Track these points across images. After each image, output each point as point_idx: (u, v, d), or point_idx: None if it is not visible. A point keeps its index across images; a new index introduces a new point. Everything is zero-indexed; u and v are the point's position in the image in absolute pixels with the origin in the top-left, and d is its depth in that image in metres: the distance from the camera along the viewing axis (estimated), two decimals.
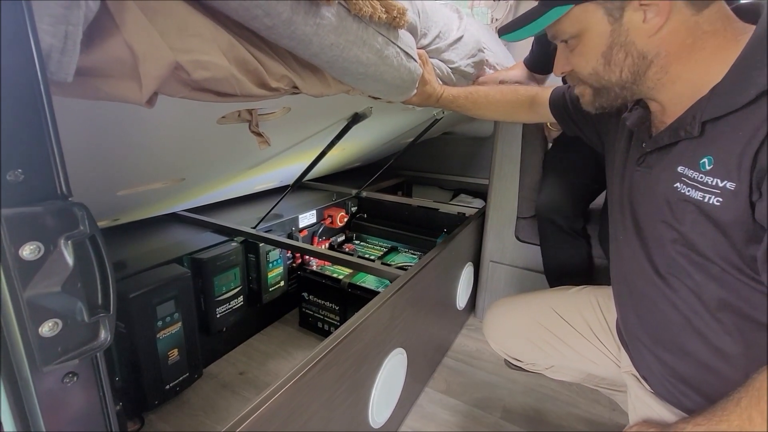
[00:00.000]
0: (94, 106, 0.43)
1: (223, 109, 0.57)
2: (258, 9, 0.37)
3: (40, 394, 0.23)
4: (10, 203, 0.21)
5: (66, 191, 0.23)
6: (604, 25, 0.47)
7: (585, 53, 0.50)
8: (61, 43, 0.27)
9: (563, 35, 0.51)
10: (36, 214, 0.22)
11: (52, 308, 0.23)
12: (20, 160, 0.21)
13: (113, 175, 0.67)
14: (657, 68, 0.47)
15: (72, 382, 0.24)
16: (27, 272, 0.22)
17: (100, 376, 0.26)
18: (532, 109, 0.84)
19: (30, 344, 0.22)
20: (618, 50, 0.47)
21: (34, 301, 0.22)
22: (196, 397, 1.03)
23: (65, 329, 0.23)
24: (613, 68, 0.49)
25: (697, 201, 0.45)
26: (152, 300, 0.88)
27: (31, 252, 0.22)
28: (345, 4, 0.46)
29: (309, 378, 0.60)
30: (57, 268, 0.22)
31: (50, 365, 0.23)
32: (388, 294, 0.82)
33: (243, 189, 1.40)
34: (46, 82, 0.23)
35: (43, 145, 0.22)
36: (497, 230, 1.34)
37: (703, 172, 0.45)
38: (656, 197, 0.51)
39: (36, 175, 0.22)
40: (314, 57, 0.48)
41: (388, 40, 0.57)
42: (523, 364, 0.88)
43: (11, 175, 0.21)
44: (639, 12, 0.44)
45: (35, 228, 0.22)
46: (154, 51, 0.32)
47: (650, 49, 0.46)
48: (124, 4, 0.31)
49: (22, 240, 0.22)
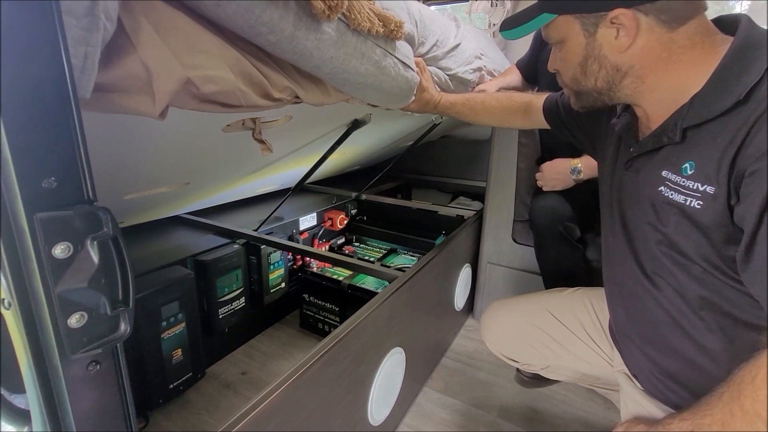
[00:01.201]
0: (107, 118, 0.46)
1: (228, 118, 0.60)
2: (263, 26, 0.40)
3: (68, 380, 0.25)
4: (45, 208, 0.24)
5: (92, 196, 0.26)
6: (581, 38, 0.50)
7: (566, 60, 0.54)
8: (81, 62, 0.29)
9: (551, 39, 0.55)
10: (67, 217, 0.25)
11: (79, 302, 0.25)
12: (54, 169, 0.24)
13: (122, 180, 0.70)
14: (633, 78, 0.50)
15: (95, 369, 0.27)
16: (59, 269, 0.24)
17: (119, 364, 0.28)
18: (526, 115, 0.87)
19: (60, 334, 0.25)
20: (593, 62, 0.51)
21: (64, 295, 0.25)
22: (199, 397, 1.05)
23: (90, 321, 0.26)
24: (588, 77, 0.52)
25: (680, 204, 0.48)
26: (157, 301, 0.90)
27: (62, 251, 0.25)
28: (344, 19, 0.49)
29: (308, 376, 0.61)
30: (84, 266, 0.25)
31: (77, 354, 0.25)
32: (387, 294, 0.84)
33: (245, 192, 1.43)
34: (76, 97, 0.25)
35: (73, 155, 0.25)
36: (494, 232, 1.37)
37: (685, 177, 0.47)
38: (642, 200, 0.54)
39: (67, 182, 0.25)
40: (315, 69, 0.51)
41: (386, 51, 0.60)
42: (519, 364, 0.90)
43: (46, 183, 0.24)
44: (612, 29, 0.47)
45: (66, 229, 0.25)
46: (167, 68, 0.35)
47: (623, 63, 0.49)
48: (140, 25, 0.34)
49: (54, 240, 0.24)
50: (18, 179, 0.23)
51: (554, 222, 1.05)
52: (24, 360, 0.27)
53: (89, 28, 0.29)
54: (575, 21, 0.50)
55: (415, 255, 1.54)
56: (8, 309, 0.26)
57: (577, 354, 0.80)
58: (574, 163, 1.02)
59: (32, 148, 0.24)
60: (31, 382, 0.27)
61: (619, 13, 0.46)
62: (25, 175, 0.23)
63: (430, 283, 1.07)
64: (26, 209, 0.23)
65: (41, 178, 0.24)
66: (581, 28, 0.50)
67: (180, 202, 1.15)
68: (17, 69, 0.23)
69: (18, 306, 0.25)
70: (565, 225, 1.05)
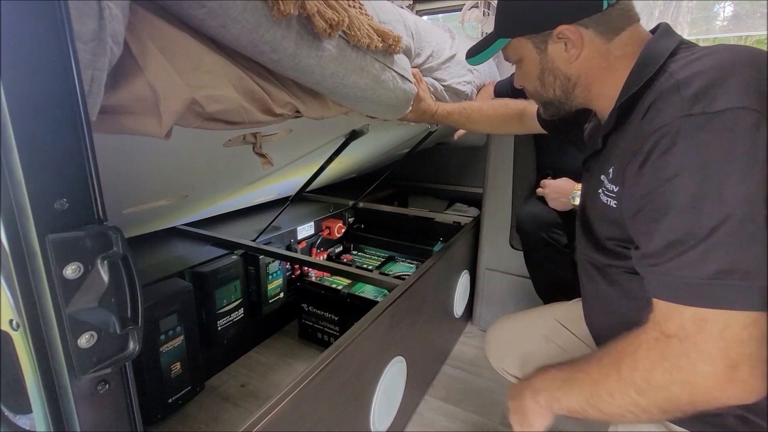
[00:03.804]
0: (108, 135, 0.47)
1: (230, 134, 0.60)
2: (266, 45, 0.41)
3: (77, 400, 0.25)
4: (57, 229, 0.24)
5: (103, 216, 0.26)
6: (534, 55, 0.55)
7: (526, 75, 0.59)
8: (88, 86, 0.30)
9: (510, 60, 0.60)
10: (78, 238, 0.25)
11: (89, 321, 0.25)
12: (66, 190, 0.24)
13: (121, 195, 0.70)
14: (581, 88, 0.54)
15: (104, 389, 0.27)
16: (70, 290, 0.25)
17: (128, 383, 0.28)
18: (521, 121, 0.89)
19: (69, 354, 0.25)
20: (548, 74, 0.55)
21: (74, 315, 0.25)
22: (198, 411, 1.03)
23: (100, 341, 0.26)
24: (547, 88, 0.57)
25: (606, 204, 0.52)
26: (156, 314, 0.89)
27: (73, 271, 0.25)
28: (345, 36, 0.51)
29: (310, 388, 0.61)
30: (95, 286, 0.25)
31: (87, 374, 0.25)
32: (387, 303, 0.84)
33: (242, 202, 1.43)
34: (87, 118, 0.26)
35: (85, 176, 0.25)
36: (492, 238, 1.38)
37: (609, 180, 0.51)
38: (593, 200, 0.57)
39: (78, 203, 0.25)
40: (316, 84, 0.52)
41: (384, 65, 0.62)
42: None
43: (58, 204, 0.24)
44: (560, 43, 0.52)
45: (77, 250, 0.25)
46: (173, 89, 0.35)
47: (573, 73, 0.53)
48: (146, 48, 0.35)
49: (65, 261, 0.24)
50: (30, 201, 0.23)
51: (539, 229, 1.06)
52: (32, 380, 0.27)
53: (96, 53, 0.29)
54: (527, 41, 0.54)
55: (413, 262, 1.55)
56: (16, 330, 0.26)
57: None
58: (576, 188, 1.02)
59: (45, 170, 0.24)
60: (38, 402, 0.27)
61: (563, 29, 0.50)
62: (38, 197, 0.24)
63: (430, 290, 1.08)
64: (38, 231, 0.24)
65: (53, 199, 0.24)
66: (533, 46, 0.54)
67: (178, 214, 1.15)
68: (30, 92, 0.24)
69: (28, 327, 0.25)
70: (550, 231, 1.06)
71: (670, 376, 0.39)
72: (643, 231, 0.43)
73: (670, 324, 0.40)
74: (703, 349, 0.37)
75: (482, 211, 1.39)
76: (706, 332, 0.37)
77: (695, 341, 0.37)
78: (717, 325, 0.37)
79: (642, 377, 0.40)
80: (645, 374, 0.40)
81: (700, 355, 0.37)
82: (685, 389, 0.38)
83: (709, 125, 0.37)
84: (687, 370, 0.38)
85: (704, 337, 0.37)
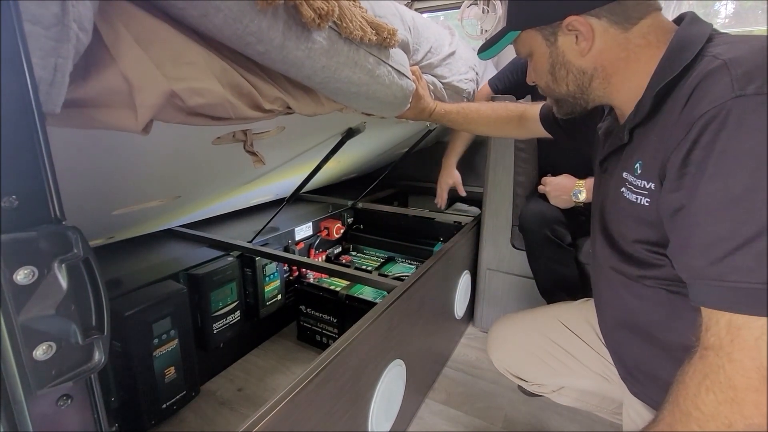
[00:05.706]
0: (90, 131, 0.44)
1: (218, 131, 0.58)
2: (251, 36, 0.39)
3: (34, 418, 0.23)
4: (5, 229, 0.22)
5: (60, 215, 0.24)
6: (544, 48, 0.53)
7: (538, 70, 0.56)
8: (51, 75, 0.28)
9: (521, 54, 0.58)
10: (30, 239, 0.23)
11: (46, 331, 0.23)
12: (15, 187, 0.22)
13: (108, 196, 0.68)
14: (599, 80, 0.51)
15: (66, 405, 0.25)
16: (21, 296, 0.22)
17: (94, 398, 0.26)
18: (521, 124, 0.86)
19: (24, 368, 0.23)
20: (560, 68, 0.52)
21: (28, 324, 0.22)
22: (193, 416, 1.01)
23: (59, 352, 0.24)
24: (559, 83, 0.54)
25: (633, 203, 0.48)
26: (148, 318, 0.87)
27: (25, 276, 0.22)
28: (336, 27, 0.48)
29: (307, 393, 0.59)
30: (51, 292, 0.23)
31: (44, 388, 0.23)
32: (385, 305, 0.82)
33: (239, 203, 1.41)
34: (40, 110, 0.24)
35: (38, 172, 0.23)
36: (493, 238, 1.35)
37: (636, 176, 0.48)
38: (614, 201, 0.54)
39: (30, 201, 0.23)
40: (307, 79, 0.50)
41: (379, 60, 0.59)
42: (528, 384, 0.86)
43: (6, 202, 0.22)
44: (570, 35, 0.49)
45: (29, 252, 0.23)
46: (149, 81, 0.33)
47: (587, 66, 0.50)
48: (119, 36, 0.32)
49: (16, 265, 0.22)
50: None
51: (542, 226, 1.04)
52: None
53: (59, 39, 0.27)
54: (537, 33, 0.52)
55: (413, 263, 1.52)
56: None
57: (591, 367, 0.77)
58: (578, 185, 1.00)
59: None
60: None
61: (571, 20, 0.48)
62: None
63: (430, 291, 1.05)
64: None
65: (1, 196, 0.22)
66: (543, 39, 0.52)
67: (171, 216, 1.13)
68: None
69: None
70: (554, 229, 1.04)
71: (714, 397, 0.34)
72: (685, 230, 0.39)
73: (708, 335, 0.36)
74: (736, 359, 0.33)
75: (483, 210, 1.36)
76: (740, 340, 0.33)
77: (729, 351, 0.34)
78: (752, 332, 0.33)
79: (693, 404, 0.36)
80: (694, 400, 0.36)
81: (733, 366, 0.33)
82: (733, 410, 0.33)
83: (763, 108, 0.33)
84: (726, 384, 0.33)
85: (738, 346, 0.33)
